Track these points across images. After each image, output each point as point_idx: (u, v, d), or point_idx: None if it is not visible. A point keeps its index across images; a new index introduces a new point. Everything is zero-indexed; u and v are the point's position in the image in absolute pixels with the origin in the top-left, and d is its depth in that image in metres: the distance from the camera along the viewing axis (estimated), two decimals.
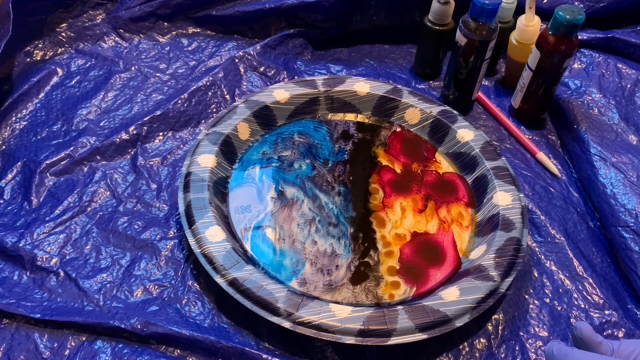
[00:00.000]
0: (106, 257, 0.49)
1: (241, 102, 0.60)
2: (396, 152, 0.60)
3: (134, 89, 0.65)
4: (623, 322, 0.48)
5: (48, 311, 0.45)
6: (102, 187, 0.55)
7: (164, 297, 0.47)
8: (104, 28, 0.70)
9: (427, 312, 0.44)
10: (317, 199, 0.54)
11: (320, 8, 0.70)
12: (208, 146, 0.55)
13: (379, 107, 0.62)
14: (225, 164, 0.56)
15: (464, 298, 0.45)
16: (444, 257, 0.51)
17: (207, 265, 0.46)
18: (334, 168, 0.57)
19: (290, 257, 0.50)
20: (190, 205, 0.50)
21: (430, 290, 0.48)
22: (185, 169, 0.53)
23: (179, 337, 0.44)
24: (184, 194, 0.51)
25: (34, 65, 0.65)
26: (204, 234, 0.48)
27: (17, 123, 0.60)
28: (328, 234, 0.52)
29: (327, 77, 0.64)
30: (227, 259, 0.46)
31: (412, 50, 0.74)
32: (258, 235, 0.51)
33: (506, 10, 0.66)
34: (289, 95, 0.61)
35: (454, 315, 0.44)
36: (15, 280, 0.47)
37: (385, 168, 0.58)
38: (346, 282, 0.48)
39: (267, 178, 0.56)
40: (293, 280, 0.48)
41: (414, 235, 0.52)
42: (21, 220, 0.51)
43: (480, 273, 0.47)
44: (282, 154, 0.58)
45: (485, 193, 0.55)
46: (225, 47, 0.71)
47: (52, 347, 0.43)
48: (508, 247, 0.49)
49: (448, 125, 0.60)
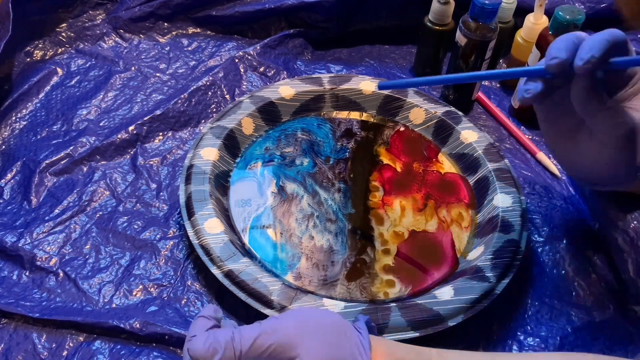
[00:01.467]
0: (105, 257, 0.49)
1: (246, 97, 0.60)
2: (398, 151, 0.60)
3: (134, 89, 0.65)
4: (622, 321, 0.48)
5: (47, 311, 0.45)
6: (102, 186, 0.55)
7: (163, 296, 0.47)
8: (104, 28, 0.70)
9: (420, 310, 0.44)
10: (316, 195, 0.55)
11: (320, 8, 0.70)
12: (212, 140, 0.55)
13: (384, 106, 0.62)
14: (228, 157, 0.56)
15: (459, 298, 0.45)
16: (442, 257, 0.51)
17: (204, 257, 0.47)
18: (334, 165, 0.57)
19: (286, 251, 0.50)
20: (191, 197, 0.50)
21: (426, 289, 0.48)
22: (187, 162, 0.54)
23: (178, 337, 0.44)
24: (185, 185, 0.52)
25: (34, 65, 0.65)
26: (203, 226, 0.48)
27: (17, 123, 0.60)
28: (325, 230, 0.52)
29: (333, 75, 0.64)
30: (224, 251, 0.47)
31: (412, 50, 0.74)
32: (256, 228, 0.51)
33: (506, 10, 0.66)
34: (295, 92, 0.61)
35: (448, 315, 0.44)
36: (15, 280, 0.47)
37: (386, 166, 0.58)
38: (341, 279, 0.48)
39: (268, 173, 0.56)
40: (288, 274, 0.48)
41: (412, 234, 0.52)
42: (21, 219, 0.51)
43: (476, 274, 0.47)
44: (284, 150, 0.58)
45: (486, 195, 0.55)
46: (225, 47, 0.71)
47: (50, 348, 0.43)
48: (506, 249, 0.49)
49: (452, 126, 0.60)
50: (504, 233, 0.50)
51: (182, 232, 0.52)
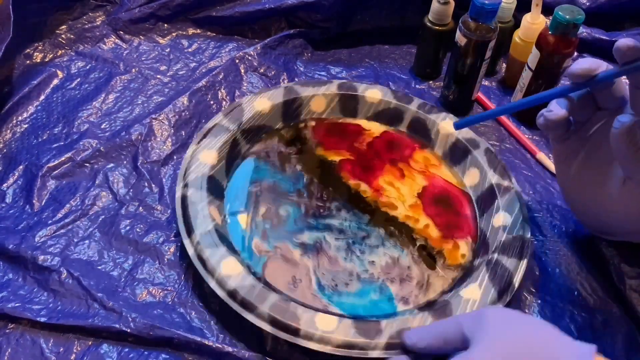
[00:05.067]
0: (109, 261, 0.50)
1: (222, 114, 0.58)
2: (331, 143, 0.59)
3: (134, 91, 0.65)
4: (624, 320, 0.49)
5: (53, 314, 0.45)
6: (104, 190, 0.55)
7: (167, 301, 0.47)
8: (104, 30, 0.70)
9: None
10: (329, 227, 0.52)
11: (320, 8, 0.70)
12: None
13: (286, 114, 0.61)
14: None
15: None
16: (454, 195, 0.56)
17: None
18: (310, 193, 0.55)
19: (368, 291, 0.48)
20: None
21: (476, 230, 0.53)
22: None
23: (185, 341, 0.44)
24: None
25: (34, 67, 0.65)
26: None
27: (17, 126, 0.60)
28: (372, 248, 0.51)
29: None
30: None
31: (412, 50, 0.74)
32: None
33: (506, 10, 0.66)
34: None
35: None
36: (20, 283, 0.47)
37: (342, 162, 0.58)
38: (424, 269, 0.50)
39: (274, 241, 0.51)
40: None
41: (420, 197, 0.55)
42: (23, 223, 0.51)
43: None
44: (263, 216, 0.53)
45: (427, 128, 0.60)
46: (226, 48, 0.71)
47: (58, 352, 0.44)
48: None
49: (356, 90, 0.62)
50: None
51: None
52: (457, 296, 0.46)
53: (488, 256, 0.50)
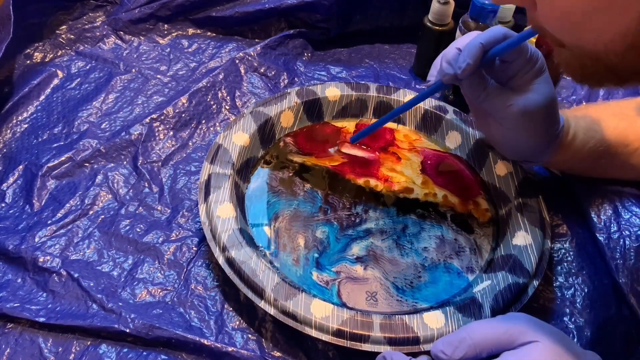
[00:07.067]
0: (108, 261, 0.50)
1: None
2: (318, 150, 0.59)
3: (134, 91, 0.65)
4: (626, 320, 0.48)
5: (52, 314, 0.45)
6: (104, 189, 0.55)
7: (167, 301, 0.47)
8: (104, 30, 0.70)
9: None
10: (370, 232, 0.52)
11: (320, 8, 0.70)
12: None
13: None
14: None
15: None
16: (450, 160, 0.58)
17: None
18: (332, 206, 0.54)
19: (439, 275, 0.50)
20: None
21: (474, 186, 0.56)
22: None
23: (184, 341, 0.44)
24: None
25: (34, 67, 0.65)
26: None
27: (18, 126, 0.60)
28: (417, 236, 0.52)
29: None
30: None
31: (412, 50, 0.74)
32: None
33: (506, 10, 0.66)
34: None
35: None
36: (19, 284, 0.47)
37: (340, 167, 0.57)
38: (466, 235, 0.53)
39: (331, 266, 0.50)
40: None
41: (423, 172, 0.57)
42: (23, 223, 0.51)
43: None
44: (304, 247, 0.50)
45: (392, 107, 0.60)
46: (226, 48, 0.71)
47: (57, 352, 0.44)
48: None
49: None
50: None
51: (185, 235, 0.52)
52: (514, 247, 0.49)
53: (512, 203, 0.53)
